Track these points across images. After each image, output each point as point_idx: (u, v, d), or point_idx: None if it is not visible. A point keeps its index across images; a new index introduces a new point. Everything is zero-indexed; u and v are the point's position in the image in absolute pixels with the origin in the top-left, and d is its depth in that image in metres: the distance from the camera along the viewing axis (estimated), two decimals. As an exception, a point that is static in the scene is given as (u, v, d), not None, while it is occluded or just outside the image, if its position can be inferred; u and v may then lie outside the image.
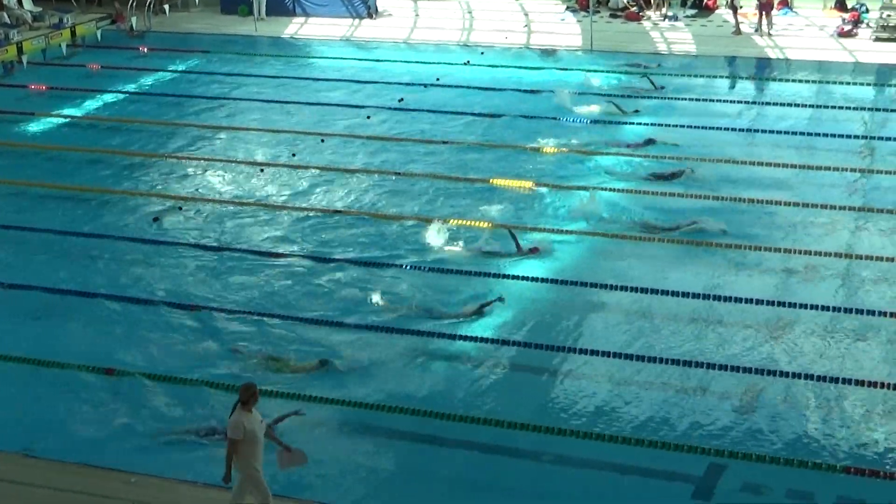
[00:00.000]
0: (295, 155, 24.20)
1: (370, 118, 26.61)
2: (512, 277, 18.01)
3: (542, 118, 26.02)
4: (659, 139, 24.06)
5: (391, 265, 18.55)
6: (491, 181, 22.16)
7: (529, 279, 17.93)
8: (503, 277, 18.04)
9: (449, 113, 26.71)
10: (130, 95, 29.46)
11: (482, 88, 28.72)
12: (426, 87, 29.09)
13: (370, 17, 37.30)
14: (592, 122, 25.73)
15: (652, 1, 37.18)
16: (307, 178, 22.85)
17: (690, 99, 27.34)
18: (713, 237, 19.19)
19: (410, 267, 18.44)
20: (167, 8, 38.39)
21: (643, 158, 23.17)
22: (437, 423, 14.06)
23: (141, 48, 34.10)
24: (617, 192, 21.39)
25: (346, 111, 27.29)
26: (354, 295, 17.50)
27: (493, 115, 26.45)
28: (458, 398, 14.76)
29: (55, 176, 23.12)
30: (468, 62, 31.42)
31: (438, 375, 15.49)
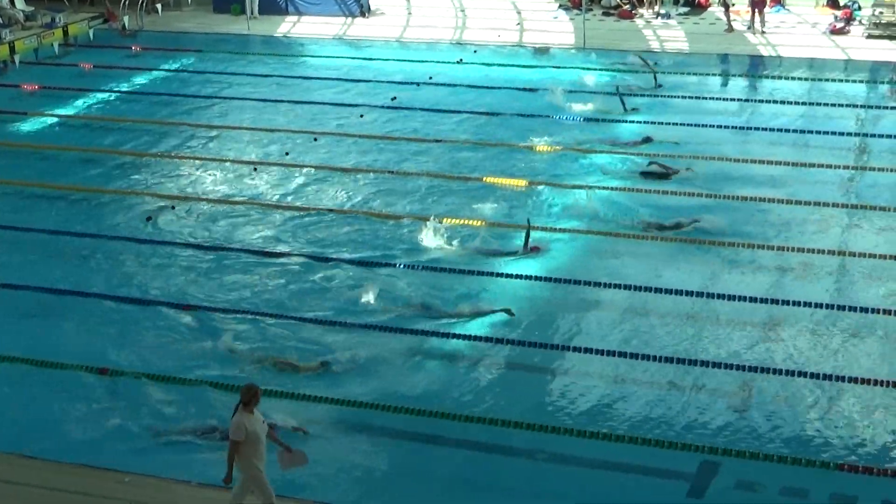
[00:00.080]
0: (288, 154, 24.19)
1: (363, 117, 26.60)
2: (506, 276, 18.02)
3: (535, 116, 25.99)
4: (653, 137, 24.04)
5: (386, 264, 18.54)
6: (484, 179, 22.17)
7: (523, 277, 17.93)
8: (498, 276, 18.06)
9: (442, 111, 26.69)
10: (123, 95, 29.40)
11: (475, 87, 28.69)
12: (419, 85, 29.07)
13: (363, 15, 37.24)
14: (586, 120, 25.70)
15: (644, -1, 37.26)
16: (300, 176, 22.83)
17: (683, 97, 27.34)
18: (706, 235, 19.21)
19: (405, 266, 18.43)
20: (159, 7, 38.27)
21: (637, 157, 23.17)
22: (433, 421, 14.07)
23: (133, 47, 33.98)
24: (612, 190, 21.39)
25: (339, 110, 27.25)
26: (350, 294, 17.48)
27: (486, 113, 26.44)
28: (454, 397, 14.78)
29: (48, 175, 23.07)
30: (461, 60, 31.40)
31: (434, 374, 15.51)
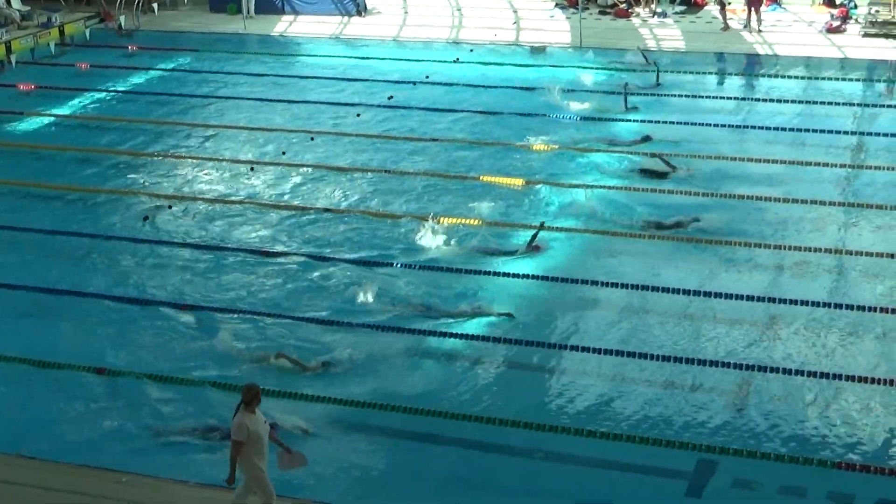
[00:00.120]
0: (285, 153, 24.17)
1: (360, 116, 26.59)
2: (503, 275, 18.01)
3: (532, 115, 25.98)
4: (649, 135, 24.07)
5: (384, 263, 18.52)
6: (481, 178, 22.16)
7: (521, 276, 17.92)
8: (495, 275, 18.04)
9: (439, 111, 26.68)
10: (120, 94, 29.36)
11: (472, 86, 28.68)
12: (415, 84, 29.05)
13: (359, 14, 37.22)
14: (583, 118, 25.71)
15: (641, -3, 37.27)
16: (297, 176, 22.81)
17: (680, 95, 27.34)
18: (704, 234, 19.22)
19: (402, 265, 18.40)
20: (156, 6, 38.24)
21: (635, 155, 23.18)
22: (431, 420, 14.05)
23: (130, 47, 33.93)
24: (609, 188, 21.40)
25: (335, 109, 27.23)
26: (348, 293, 17.45)
27: (483, 112, 26.42)
28: (451, 396, 14.77)
29: (45, 175, 23.03)
30: (457, 60, 31.38)
31: (432, 373, 15.48)
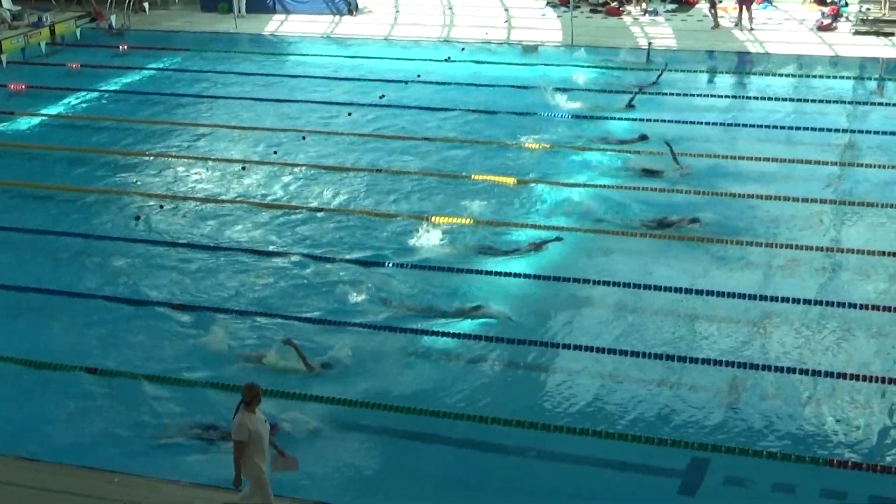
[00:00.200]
0: (276, 152, 24.15)
1: (351, 115, 26.57)
2: (497, 274, 18.00)
3: (524, 114, 26.00)
4: (646, 134, 24.09)
5: (377, 263, 18.50)
6: (474, 177, 22.16)
7: (514, 275, 17.93)
8: (488, 274, 18.03)
9: (430, 109, 26.69)
10: (111, 94, 29.33)
11: (463, 84, 28.70)
12: (407, 83, 29.06)
13: (350, 13, 37.22)
14: (574, 116, 25.74)
15: (632, -4, 37.30)
16: (289, 175, 22.79)
17: (671, 94, 27.39)
18: (696, 231, 19.24)
19: (395, 265, 18.38)
20: (147, 6, 38.21)
21: (628, 153, 23.22)
22: (426, 420, 14.05)
23: (121, 46, 33.86)
24: (602, 187, 21.42)
25: (327, 108, 27.22)
26: (343, 293, 17.42)
27: (474, 110, 26.43)
28: (446, 395, 14.76)
29: (36, 175, 22.99)
30: (449, 58, 31.38)
31: (427, 373, 15.47)
